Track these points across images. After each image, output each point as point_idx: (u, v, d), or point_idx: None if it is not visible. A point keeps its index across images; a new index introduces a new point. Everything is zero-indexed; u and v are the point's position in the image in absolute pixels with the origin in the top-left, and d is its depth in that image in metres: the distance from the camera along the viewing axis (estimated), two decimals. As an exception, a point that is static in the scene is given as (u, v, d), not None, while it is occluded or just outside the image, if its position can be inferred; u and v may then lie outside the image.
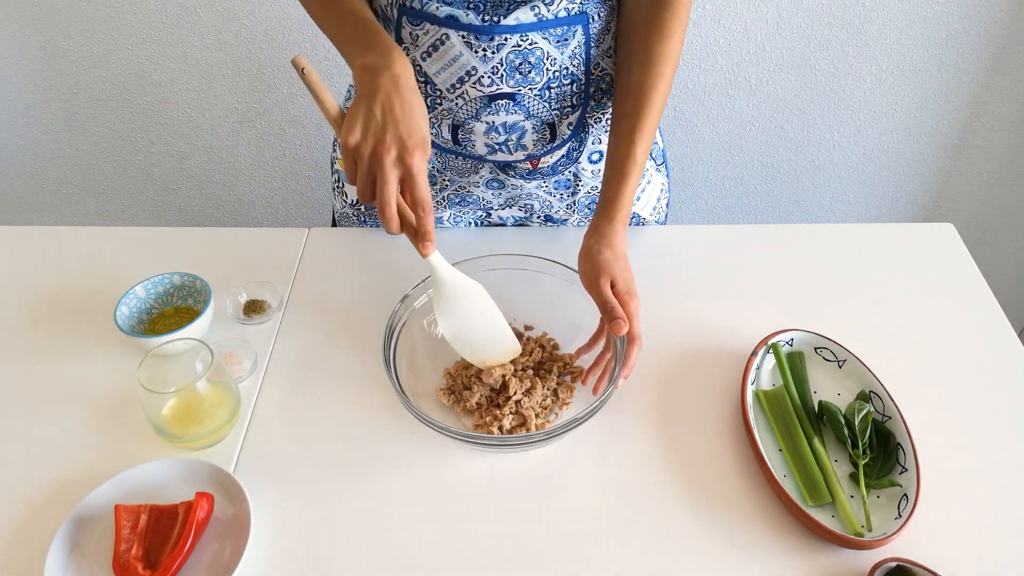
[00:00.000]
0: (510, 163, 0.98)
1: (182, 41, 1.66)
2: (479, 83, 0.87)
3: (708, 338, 0.92)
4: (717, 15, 1.59)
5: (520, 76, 0.87)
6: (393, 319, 0.85)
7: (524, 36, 0.84)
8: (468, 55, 0.85)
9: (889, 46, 1.64)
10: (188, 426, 0.79)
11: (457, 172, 1.01)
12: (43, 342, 0.94)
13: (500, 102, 0.89)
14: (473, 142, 0.94)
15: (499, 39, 0.83)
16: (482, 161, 0.98)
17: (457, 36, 0.84)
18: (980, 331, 0.94)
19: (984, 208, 1.93)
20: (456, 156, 0.98)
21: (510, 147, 0.94)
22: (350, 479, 0.79)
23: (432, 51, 0.86)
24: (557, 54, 0.87)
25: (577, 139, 0.97)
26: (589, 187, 1.03)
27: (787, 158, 1.85)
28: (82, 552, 0.72)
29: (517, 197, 1.04)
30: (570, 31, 0.86)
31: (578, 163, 1.00)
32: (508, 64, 0.85)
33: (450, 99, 0.89)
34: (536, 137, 0.93)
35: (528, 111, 0.90)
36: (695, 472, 0.79)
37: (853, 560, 0.71)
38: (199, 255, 1.04)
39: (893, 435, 0.79)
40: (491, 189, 1.03)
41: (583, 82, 0.91)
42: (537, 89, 0.88)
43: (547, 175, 1.00)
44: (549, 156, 0.97)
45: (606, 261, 0.83)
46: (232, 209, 1.99)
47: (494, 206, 1.06)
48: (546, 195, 1.03)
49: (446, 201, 1.05)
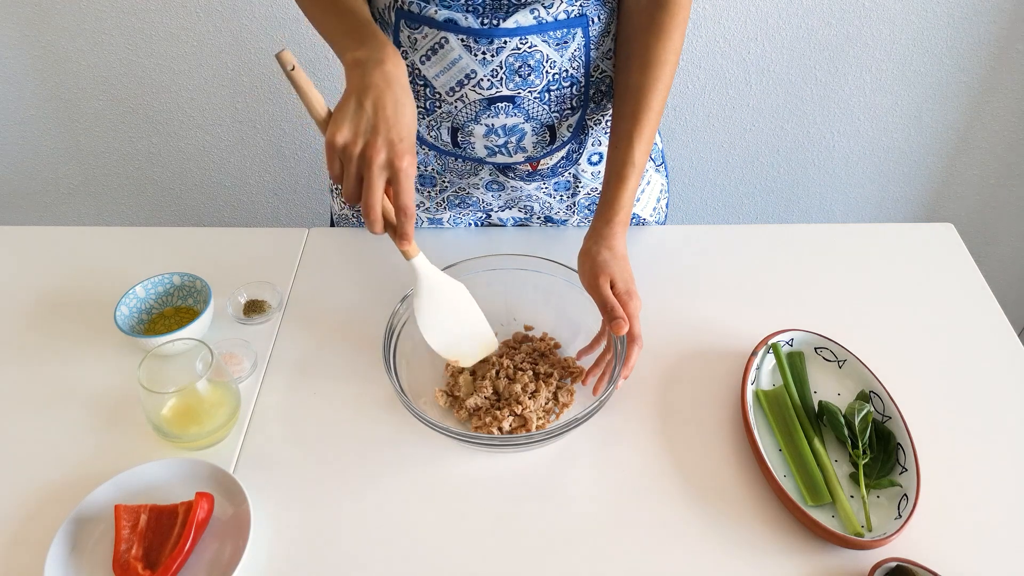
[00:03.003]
0: (510, 165, 0.97)
1: (182, 41, 1.66)
2: (478, 86, 0.86)
3: (708, 338, 0.92)
4: (717, 15, 1.59)
5: (520, 79, 0.86)
6: (393, 319, 0.85)
7: (523, 39, 0.84)
8: (467, 58, 0.84)
9: (889, 46, 1.64)
10: (188, 426, 0.79)
11: (457, 174, 1.00)
12: (43, 342, 0.94)
13: (500, 105, 0.88)
14: (473, 144, 0.93)
15: (498, 42, 0.83)
16: (482, 163, 0.98)
17: (456, 39, 0.83)
18: (980, 331, 0.94)
19: (984, 208, 1.93)
20: (456, 158, 0.98)
21: (510, 149, 0.93)
22: (350, 479, 0.79)
23: (431, 54, 0.85)
24: (557, 57, 0.86)
25: (577, 141, 0.97)
26: (589, 188, 1.03)
27: (787, 158, 1.85)
28: (82, 552, 0.72)
29: (517, 199, 1.04)
30: (570, 34, 0.86)
31: (578, 165, 1.00)
32: (507, 67, 0.85)
33: (449, 102, 0.89)
34: (536, 139, 0.93)
35: (528, 114, 0.90)
36: (695, 472, 0.79)
37: (853, 560, 0.71)
38: (199, 255, 1.04)
39: (893, 435, 0.79)
40: (491, 191, 1.03)
41: (583, 84, 0.90)
42: (537, 92, 0.88)
43: (547, 177, 1.00)
44: (549, 158, 0.97)
45: (605, 261, 0.84)
46: (232, 209, 1.99)
47: (494, 208, 1.06)
48: (546, 197, 1.03)
49: (446, 203, 1.05)
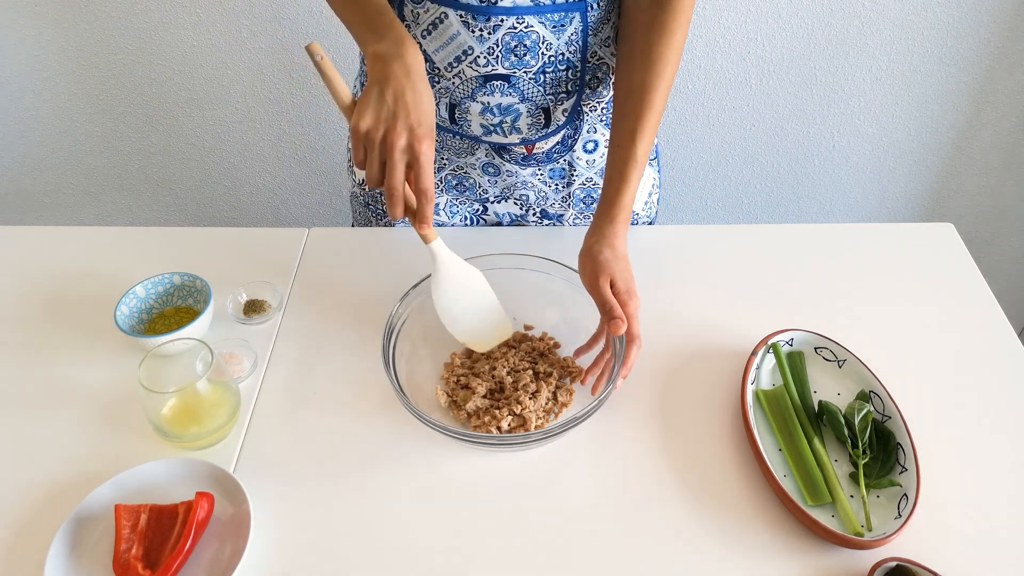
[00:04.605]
0: (505, 146, 0.99)
1: (182, 42, 1.66)
2: (475, 63, 0.88)
3: (708, 338, 0.92)
4: (717, 15, 1.60)
5: (515, 58, 0.88)
6: (393, 318, 0.85)
7: (520, 19, 0.85)
8: (465, 34, 0.86)
9: (889, 46, 1.64)
10: (188, 426, 0.79)
11: (454, 152, 1.03)
12: (43, 342, 0.94)
13: (495, 83, 0.90)
14: (469, 122, 0.95)
15: (495, 20, 0.85)
16: (478, 142, 1.00)
17: (455, 15, 0.85)
18: (980, 331, 0.94)
19: (984, 208, 1.93)
20: (453, 135, 1.00)
21: (505, 129, 0.95)
22: (350, 479, 0.79)
23: (432, 29, 0.88)
24: (553, 39, 0.88)
25: (572, 126, 0.98)
26: (584, 178, 1.04)
27: (787, 158, 1.85)
28: (82, 552, 0.72)
29: (513, 187, 1.05)
30: (567, 17, 0.87)
31: (573, 151, 1.01)
32: (504, 46, 0.87)
33: (448, 77, 0.91)
34: (531, 121, 0.95)
35: (523, 94, 0.91)
36: (695, 472, 0.79)
37: (853, 560, 0.71)
38: (199, 255, 1.04)
39: (893, 435, 0.79)
40: (487, 175, 1.04)
41: (579, 69, 0.92)
42: (532, 72, 0.90)
43: (542, 162, 1.02)
44: (544, 142, 0.99)
45: (606, 261, 0.84)
46: (232, 209, 1.99)
47: (490, 197, 1.08)
48: (541, 185, 1.05)
49: (443, 183, 1.07)
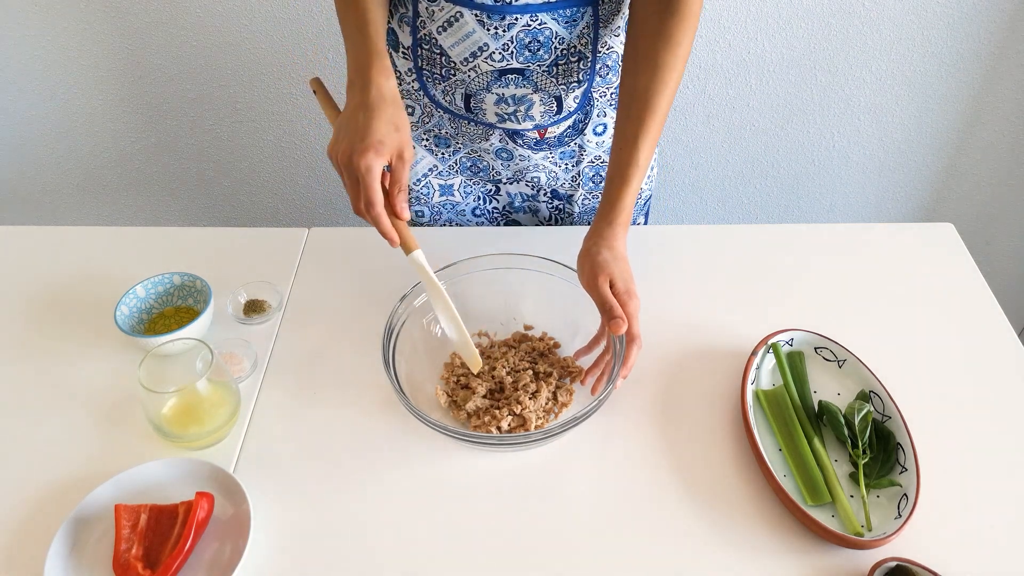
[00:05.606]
0: (519, 132, 1.02)
1: (182, 41, 1.66)
2: (490, 59, 0.91)
3: (708, 338, 0.92)
4: (717, 15, 1.60)
5: (529, 53, 0.91)
6: (393, 319, 0.85)
7: (534, 16, 0.87)
8: (480, 32, 0.88)
9: (889, 46, 1.64)
10: (188, 426, 0.79)
11: (469, 138, 1.06)
12: (43, 342, 0.94)
13: (510, 76, 0.93)
14: (484, 111, 0.98)
15: (510, 18, 0.87)
16: (492, 128, 1.03)
17: (471, 14, 0.87)
18: (980, 331, 0.94)
19: (984, 208, 1.93)
20: (469, 122, 1.03)
21: (519, 117, 0.98)
22: (350, 479, 0.79)
23: (447, 26, 0.90)
24: (566, 34, 0.90)
25: (583, 112, 1.01)
26: (592, 156, 1.08)
27: (787, 158, 1.85)
28: (82, 552, 0.72)
29: (524, 169, 1.08)
30: (579, 12, 0.89)
31: (583, 135, 1.04)
32: (518, 42, 0.89)
33: (463, 71, 0.94)
34: (544, 109, 0.98)
35: (536, 85, 0.94)
36: (695, 472, 0.79)
37: (853, 560, 0.71)
38: (199, 255, 1.05)
39: (893, 435, 0.79)
40: (500, 159, 1.07)
41: (590, 59, 0.95)
42: (545, 66, 0.92)
43: (553, 146, 1.05)
44: (556, 127, 1.02)
45: (605, 261, 0.84)
46: (232, 209, 1.99)
47: (503, 179, 1.11)
48: (552, 166, 1.08)
49: (458, 165, 1.10)
